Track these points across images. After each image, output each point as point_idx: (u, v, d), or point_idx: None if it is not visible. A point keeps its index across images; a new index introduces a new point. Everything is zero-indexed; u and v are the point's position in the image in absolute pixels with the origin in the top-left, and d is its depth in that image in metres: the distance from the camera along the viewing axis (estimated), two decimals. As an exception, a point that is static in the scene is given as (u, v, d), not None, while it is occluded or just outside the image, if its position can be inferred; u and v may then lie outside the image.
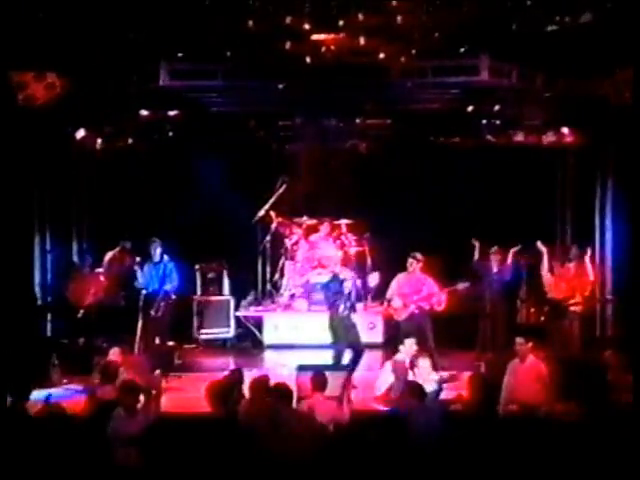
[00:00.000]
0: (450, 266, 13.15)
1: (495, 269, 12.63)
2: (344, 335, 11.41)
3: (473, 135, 13.83)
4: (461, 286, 12.01)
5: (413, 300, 11.63)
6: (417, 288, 11.68)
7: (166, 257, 12.44)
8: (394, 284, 11.86)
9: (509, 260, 12.62)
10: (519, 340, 9.50)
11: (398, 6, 9.95)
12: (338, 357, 11.33)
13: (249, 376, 9.03)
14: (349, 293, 11.62)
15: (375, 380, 10.62)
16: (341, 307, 11.47)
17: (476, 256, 12.66)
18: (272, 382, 8.30)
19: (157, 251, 12.39)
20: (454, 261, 13.35)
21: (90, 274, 12.99)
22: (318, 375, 8.59)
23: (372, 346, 13.10)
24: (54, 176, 13.12)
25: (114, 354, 10.02)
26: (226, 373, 9.43)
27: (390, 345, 12.23)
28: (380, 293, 13.24)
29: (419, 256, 11.77)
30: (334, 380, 8.85)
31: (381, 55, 10.97)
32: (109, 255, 13.33)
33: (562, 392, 9.31)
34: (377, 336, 13.88)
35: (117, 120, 13.33)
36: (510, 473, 5.44)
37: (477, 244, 12.65)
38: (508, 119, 13.41)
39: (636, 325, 11.58)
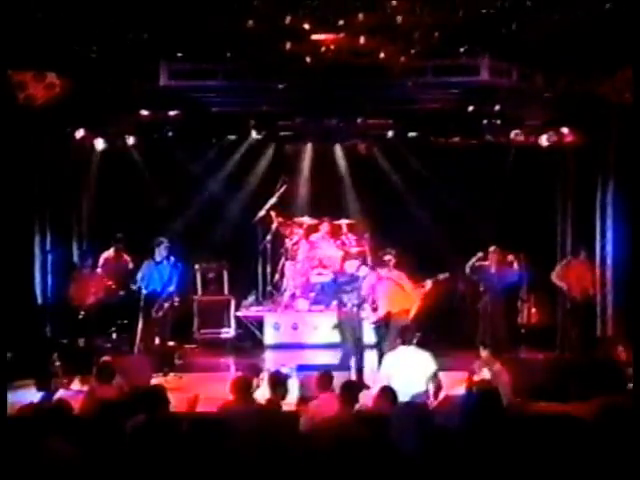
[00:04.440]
0: (449, 265, 13.18)
1: (493, 269, 12.66)
2: (351, 334, 11.20)
3: (473, 135, 13.83)
4: (442, 277, 12.11)
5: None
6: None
7: (172, 258, 12.38)
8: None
9: (515, 265, 12.66)
10: (482, 351, 9.62)
11: (398, 6, 9.95)
12: (345, 357, 11.09)
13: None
14: (358, 289, 11.29)
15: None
16: (348, 304, 11.28)
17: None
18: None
19: (163, 252, 12.30)
20: (453, 260, 13.38)
21: (90, 274, 13.00)
22: (324, 374, 8.53)
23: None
24: (54, 176, 13.12)
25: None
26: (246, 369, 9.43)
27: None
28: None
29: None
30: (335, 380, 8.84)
31: (381, 55, 10.97)
32: (104, 255, 13.37)
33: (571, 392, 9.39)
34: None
35: (117, 120, 13.34)
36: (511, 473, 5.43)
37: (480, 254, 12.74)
38: (508, 119, 13.41)
39: (636, 324, 11.58)
